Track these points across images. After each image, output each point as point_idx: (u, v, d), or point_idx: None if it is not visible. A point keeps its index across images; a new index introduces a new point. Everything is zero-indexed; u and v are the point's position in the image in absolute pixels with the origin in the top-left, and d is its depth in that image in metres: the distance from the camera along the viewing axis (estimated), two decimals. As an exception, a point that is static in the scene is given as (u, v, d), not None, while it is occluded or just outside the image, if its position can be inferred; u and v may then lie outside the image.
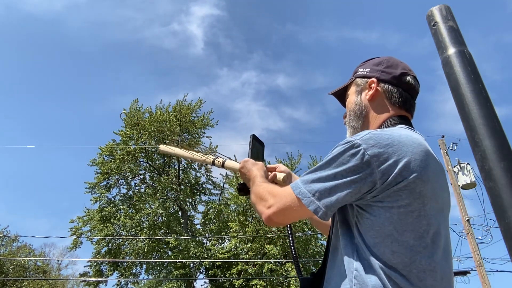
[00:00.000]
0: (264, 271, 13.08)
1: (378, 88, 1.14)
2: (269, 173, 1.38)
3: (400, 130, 0.98)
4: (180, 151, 1.73)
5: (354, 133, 1.17)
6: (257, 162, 1.33)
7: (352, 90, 1.22)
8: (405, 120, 1.12)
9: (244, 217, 14.53)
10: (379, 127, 1.11)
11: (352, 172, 0.88)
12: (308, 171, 0.98)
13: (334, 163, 0.92)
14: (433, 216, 0.90)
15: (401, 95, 1.13)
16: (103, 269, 14.71)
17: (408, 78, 1.14)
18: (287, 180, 1.35)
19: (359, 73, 1.21)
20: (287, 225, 1.28)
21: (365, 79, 1.18)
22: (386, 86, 1.14)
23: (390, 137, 0.91)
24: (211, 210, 15.89)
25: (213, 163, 1.54)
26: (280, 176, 1.35)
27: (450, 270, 0.93)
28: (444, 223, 0.96)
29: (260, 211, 1.06)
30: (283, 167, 1.42)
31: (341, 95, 1.29)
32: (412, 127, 1.10)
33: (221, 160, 1.53)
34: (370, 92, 1.15)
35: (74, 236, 14.51)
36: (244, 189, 1.36)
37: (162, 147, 1.79)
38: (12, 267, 19.55)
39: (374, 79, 1.15)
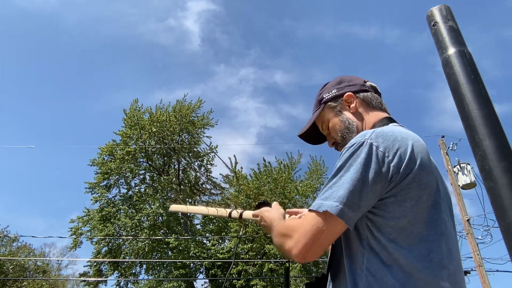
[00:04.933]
0: (264, 271, 13.08)
1: (356, 100, 1.18)
2: (294, 215, 1.32)
3: (395, 127, 1.02)
4: (193, 208, 1.74)
5: None
6: (270, 208, 1.27)
7: (330, 116, 1.21)
8: (392, 120, 1.15)
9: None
10: None
11: (371, 171, 0.89)
12: (325, 187, 0.94)
13: (350, 167, 0.90)
14: (441, 204, 0.94)
15: (376, 98, 1.20)
16: (103, 269, 14.70)
17: (369, 83, 1.23)
18: None
19: (326, 98, 1.22)
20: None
21: (338, 99, 1.20)
22: (361, 94, 1.19)
23: (393, 133, 0.95)
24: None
25: (229, 216, 1.54)
26: None
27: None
28: (449, 214, 0.99)
29: (287, 251, 0.93)
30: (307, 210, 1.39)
31: (311, 133, 1.29)
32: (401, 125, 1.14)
33: (239, 211, 1.53)
34: (352, 105, 1.18)
35: (74, 236, 14.52)
36: None
37: (173, 206, 1.72)
38: (12, 267, 19.53)
39: (349, 93, 1.19)
